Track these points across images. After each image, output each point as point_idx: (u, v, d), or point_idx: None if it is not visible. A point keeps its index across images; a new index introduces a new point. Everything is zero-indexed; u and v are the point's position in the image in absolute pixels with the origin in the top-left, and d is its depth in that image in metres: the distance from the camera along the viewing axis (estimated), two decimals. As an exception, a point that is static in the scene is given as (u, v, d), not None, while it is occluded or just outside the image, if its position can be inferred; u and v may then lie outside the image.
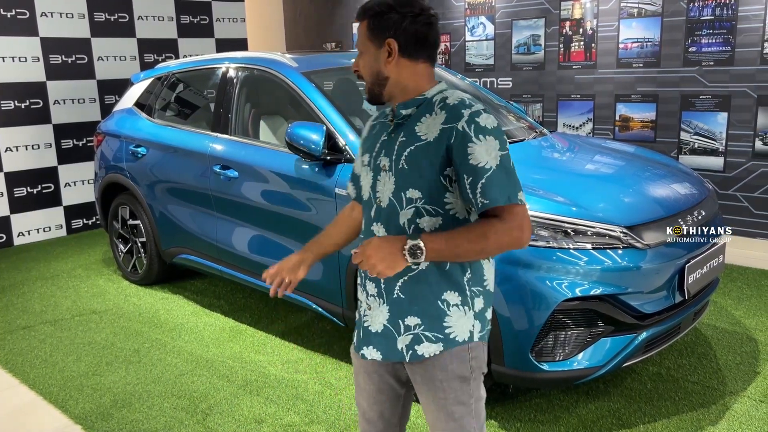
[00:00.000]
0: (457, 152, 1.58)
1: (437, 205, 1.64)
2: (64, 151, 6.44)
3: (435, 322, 1.68)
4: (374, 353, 1.77)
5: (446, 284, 1.67)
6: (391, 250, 1.55)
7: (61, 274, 5.31)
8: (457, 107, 1.60)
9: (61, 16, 6.26)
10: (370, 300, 1.76)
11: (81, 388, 3.44)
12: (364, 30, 1.70)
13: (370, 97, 1.74)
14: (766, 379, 3.25)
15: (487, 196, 1.56)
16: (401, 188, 1.66)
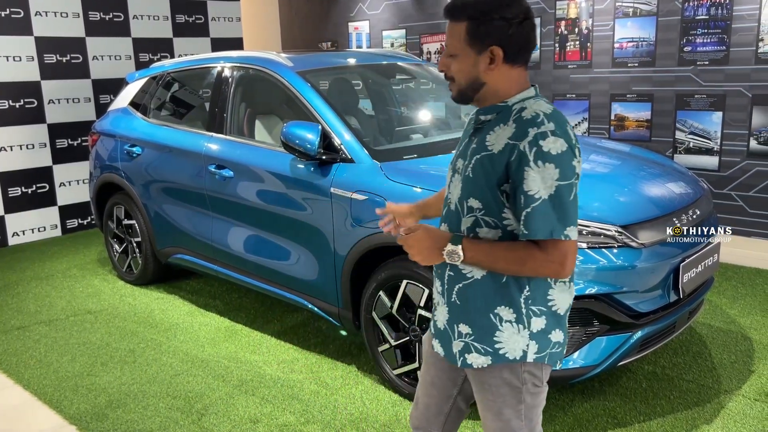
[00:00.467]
0: (514, 173, 1.54)
1: (496, 218, 1.61)
2: (58, 150, 6.42)
3: (485, 335, 1.66)
4: (439, 348, 1.79)
5: (501, 298, 1.64)
6: (430, 246, 1.60)
7: (56, 274, 5.30)
8: (526, 123, 1.53)
9: (55, 15, 6.24)
10: (437, 296, 1.78)
11: (76, 388, 3.43)
12: (463, 33, 1.59)
13: (459, 99, 1.67)
14: (760, 377, 3.26)
15: (528, 227, 1.53)
16: (465, 196, 1.65)
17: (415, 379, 3.11)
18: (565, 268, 1.55)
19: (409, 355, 3.14)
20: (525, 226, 1.53)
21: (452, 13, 1.61)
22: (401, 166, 3.22)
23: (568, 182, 1.52)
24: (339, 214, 3.27)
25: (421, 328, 3.03)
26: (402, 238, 1.62)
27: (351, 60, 4.46)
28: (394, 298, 3.09)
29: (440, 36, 7.37)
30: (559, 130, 1.53)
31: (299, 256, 3.57)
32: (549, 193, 1.50)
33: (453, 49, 1.62)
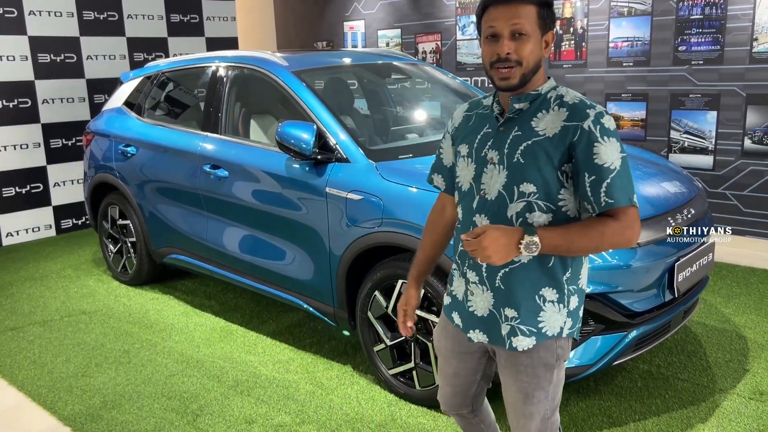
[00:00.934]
0: (581, 150, 1.61)
1: (551, 201, 1.66)
2: (53, 150, 6.40)
3: (530, 316, 1.72)
4: (481, 336, 1.81)
5: (546, 280, 1.71)
6: (506, 243, 1.57)
7: (50, 274, 5.28)
8: (580, 106, 1.64)
9: (49, 15, 6.22)
10: (472, 287, 1.80)
11: (70, 389, 3.41)
12: (534, 15, 1.64)
13: (518, 83, 1.66)
14: (755, 376, 3.27)
15: (612, 196, 1.60)
16: (514, 182, 1.67)
17: (410, 379, 3.11)
18: (635, 232, 1.63)
19: (404, 355, 3.14)
20: (608, 195, 1.60)
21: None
22: (397, 165, 3.21)
23: (625, 154, 1.65)
24: (334, 214, 3.26)
25: (416, 328, 3.03)
26: (469, 243, 1.58)
27: (346, 59, 4.46)
28: (390, 297, 3.09)
29: (435, 36, 7.37)
30: (607, 110, 1.68)
31: (294, 256, 3.56)
32: (619, 164, 1.62)
33: (526, 29, 1.63)
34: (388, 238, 3.03)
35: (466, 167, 1.80)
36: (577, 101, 1.66)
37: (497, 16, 1.64)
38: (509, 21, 1.63)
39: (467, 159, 1.80)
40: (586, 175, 1.61)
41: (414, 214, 2.92)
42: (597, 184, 1.60)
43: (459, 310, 1.88)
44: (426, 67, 4.62)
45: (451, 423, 2.94)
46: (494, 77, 1.68)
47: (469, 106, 1.90)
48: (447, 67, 7.18)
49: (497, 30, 1.65)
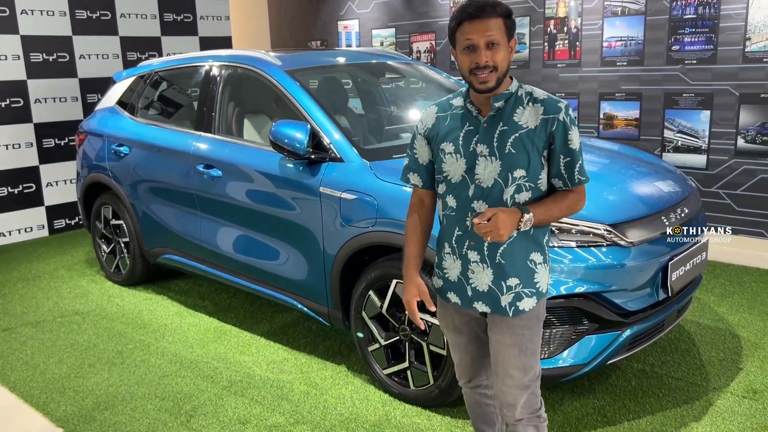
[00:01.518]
0: (558, 138, 1.93)
1: (534, 182, 1.95)
2: (45, 150, 6.37)
3: (528, 280, 2.01)
4: (484, 307, 2.04)
5: (533, 246, 2.01)
6: (512, 221, 1.87)
7: (43, 275, 5.25)
8: (552, 101, 1.95)
9: (41, 14, 6.18)
10: (473, 266, 2.02)
11: (63, 390, 3.40)
12: (502, 26, 1.90)
13: (495, 85, 1.91)
14: (748, 374, 3.28)
15: (583, 174, 1.97)
16: (509, 169, 1.93)
17: (405, 379, 3.10)
18: (584, 202, 2.04)
19: (398, 354, 3.13)
20: (580, 173, 1.97)
21: (486, 10, 1.88)
22: (391, 165, 3.20)
23: None
24: (328, 214, 3.25)
25: (410, 328, 3.03)
26: (483, 225, 1.83)
27: (340, 59, 4.45)
28: (384, 297, 3.08)
29: (429, 35, 7.37)
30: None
31: (288, 256, 3.55)
32: (581, 148, 1.97)
33: (496, 39, 1.88)
34: (383, 237, 3.02)
35: (456, 162, 2.00)
36: (546, 97, 1.96)
37: (472, 29, 1.88)
38: (484, 33, 1.88)
39: (455, 155, 2.00)
40: (561, 157, 1.95)
41: (408, 213, 2.91)
42: (571, 164, 1.95)
43: (455, 290, 2.09)
44: (420, 66, 4.62)
45: (446, 422, 2.94)
46: (474, 82, 1.93)
47: (439, 108, 2.10)
48: (441, 67, 7.18)
49: (474, 42, 1.89)
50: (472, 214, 1.98)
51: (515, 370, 2.03)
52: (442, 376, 2.92)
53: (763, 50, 5.02)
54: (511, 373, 2.04)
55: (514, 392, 2.05)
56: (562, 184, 1.98)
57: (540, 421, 2.10)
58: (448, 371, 2.88)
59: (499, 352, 2.05)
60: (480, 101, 1.99)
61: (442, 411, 3.03)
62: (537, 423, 2.09)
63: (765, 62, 5.02)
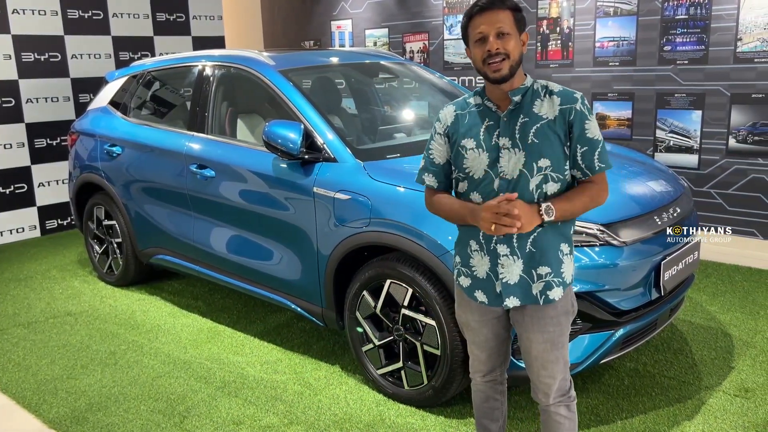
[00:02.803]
0: (576, 128, 1.98)
1: (560, 172, 2.00)
2: (37, 150, 6.34)
3: (558, 270, 2.05)
4: (515, 301, 2.07)
5: (561, 238, 2.05)
6: (529, 211, 1.92)
7: (35, 275, 5.22)
8: (568, 92, 2.01)
9: (33, 13, 6.15)
10: (503, 259, 2.05)
11: (55, 391, 3.38)
12: (511, 18, 1.96)
13: (508, 74, 1.96)
14: (740, 373, 3.30)
15: (603, 161, 2.00)
16: (534, 159, 1.98)
17: (398, 379, 3.10)
18: (608, 192, 2.06)
19: (392, 354, 3.13)
20: (600, 161, 2.00)
21: (495, 3, 1.95)
22: (384, 165, 3.21)
23: None
24: (322, 214, 3.25)
25: (404, 328, 3.03)
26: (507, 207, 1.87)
27: (334, 59, 4.45)
28: (378, 297, 3.08)
29: (422, 35, 7.37)
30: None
31: (282, 256, 3.55)
32: (601, 137, 2.01)
33: (507, 29, 1.95)
34: (376, 237, 3.02)
35: (478, 157, 2.04)
36: (562, 89, 2.02)
37: (482, 22, 1.96)
38: (493, 24, 1.95)
39: (477, 150, 2.04)
40: (578, 147, 1.99)
41: (402, 213, 2.92)
42: (590, 153, 1.99)
43: (483, 288, 2.11)
44: (413, 66, 4.62)
45: (440, 422, 2.95)
46: (487, 72, 1.97)
47: (457, 107, 2.13)
48: (434, 67, 7.19)
49: (485, 33, 1.95)
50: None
51: (549, 363, 2.11)
52: (436, 375, 2.93)
53: (754, 50, 5.05)
54: (546, 366, 2.12)
55: (549, 381, 2.14)
56: (581, 174, 2.02)
57: (570, 400, 2.19)
58: (442, 371, 2.89)
59: (531, 347, 2.12)
60: (498, 97, 2.04)
61: (436, 411, 3.04)
62: (567, 402, 2.18)
63: (756, 62, 5.05)
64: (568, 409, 2.19)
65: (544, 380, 2.14)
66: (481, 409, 2.39)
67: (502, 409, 2.38)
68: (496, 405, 2.37)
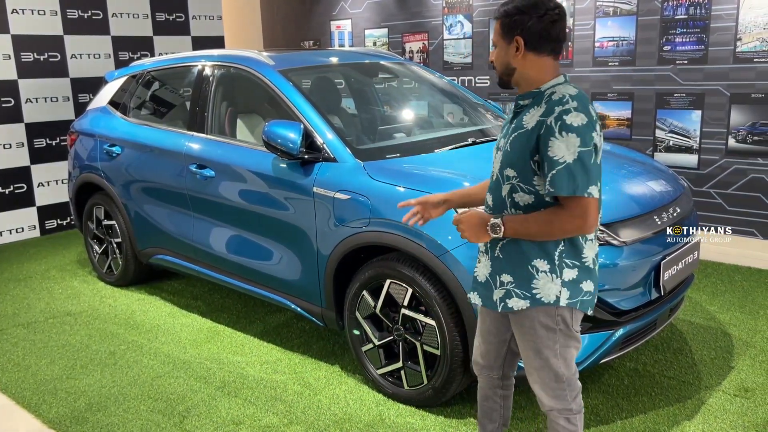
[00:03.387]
0: (542, 143, 1.88)
1: (528, 185, 1.95)
2: (36, 150, 6.33)
3: (524, 282, 1.99)
4: (476, 299, 2.14)
5: (537, 252, 1.96)
6: (477, 224, 1.95)
7: (34, 275, 5.22)
8: (554, 103, 1.87)
9: (32, 13, 6.15)
10: (480, 254, 2.10)
11: (55, 391, 3.38)
12: (498, 27, 2.00)
13: (499, 82, 2.05)
14: (740, 373, 3.30)
15: (553, 185, 1.85)
16: (504, 166, 2.00)
17: (398, 379, 3.10)
18: (587, 222, 1.86)
19: (392, 354, 3.13)
20: (551, 184, 1.85)
21: (495, 13, 2.02)
22: (384, 165, 3.21)
23: (587, 149, 1.84)
24: (322, 214, 3.25)
25: (404, 328, 3.03)
26: (455, 218, 1.96)
27: (333, 59, 4.45)
28: (378, 297, 3.08)
29: (422, 35, 7.37)
30: (581, 107, 1.86)
31: (282, 256, 3.55)
32: (573, 158, 1.83)
33: (495, 39, 2.02)
34: (376, 237, 3.02)
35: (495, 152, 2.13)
36: (556, 98, 1.88)
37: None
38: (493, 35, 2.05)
39: (495, 146, 2.13)
40: (545, 165, 1.88)
41: (401, 213, 2.91)
42: (548, 172, 1.86)
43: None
44: (413, 66, 4.62)
45: (440, 422, 2.95)
46: None
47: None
48: (434, 67, 7.19)
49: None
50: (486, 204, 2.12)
51: (534, 369, 2.10)
52: (436, 375, 2.93)
53: (754, 50, 5.05)
54: (531, 372, 2.11)
55: (536, 386, 2.13)
56: (546, 193, 1.89)
57: (571, 413, 2.13)
58: (442, 371, 2.89)
59: (521, 353, 2.15)
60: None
61: (436, 411, 3.04)
62: (568, 415, 2.13)
63: (756, 62, 5.06)
64: (568, 422, 2.14)
65: (532, 384, 2.14)
66: (481, 407, 2.40)
67: (501, 411, 2.38)
68: (495, 406, 2.37)
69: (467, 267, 2.69)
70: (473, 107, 4.23)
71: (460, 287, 2.73)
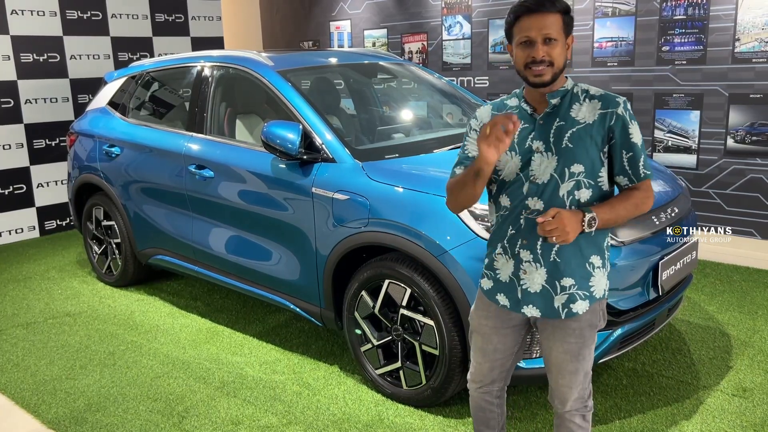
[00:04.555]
0: (619, 132, 1.91)
1: (593, 179, 1.93)
2: (36, 151, 6.34)
3: (584, 283, 1.97)
4: (534, 311, 2.01)
5: (593, 249, 1.97)
6: (576, 221, 1.84)
7: (33, 276, 5.22)
8: (609, 96, 1.94)
9: (32, 14, 6.15)
10: (525, 266, 1.99)
11: (54, 392, 3.38)
12: (559, 22, 1.88)
13: (550, 80, 1.90)
14: (738, 373, 3.31)
15: (647, 168, 1.95)
16: (566, 164, 1.91)
17: (397, 379, 3.11)
18: (653, 199, 1.99)
19: (391, 354, 3.14)
20: (645, 167, 1.94)
21: (545, 5, 1.87)
22: (383, 165, 3.21)
23: None
24: (320, 214, 3.25)
25: (403, 328, 3.03)
26: (549, 222, 1.81)
27: (332, 59, 4.45)
28: (377, 297, 3.09)
29: (421, 36, 7.38)
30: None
31: (281, 256, 3.55)
32: (642, 142, 1.96)
33: (554, 35, 1.87)
34: (375, 238, 3.03)
35: (511, 160, 1.98)
36: (603, 93, 1.95)
37: (530, 25, 1.88)
38: (541, 30, 1.87)
39: (510, 153, 1.98)
40: (623, 153, 1.93)
41: (400, 213, 2.92)
42: (635, 159, 1.93)
43: (505, 291, 2.05)
44: (412, 67, 4.62)
45: (438, 422, 2.95)
46: (528, 76, 1.91)
47: (494, 107, 2.10)
48: (433, 67, 7.19)
49: (531, 37, 1.88)
50: (526, 211, 1.96)
51: (568, 373, 2.05)
52: (435, 375, 2.93)
53: (752, 51, 5.06)
54: (564, 375, 2.06)
55: (566, 391, 2.09)
56: (627, 181, 1.96)
57: (587, 410, 2.14)
58: (441, 371, 2.89)
59: (550, 355, 2.08)
60: (535, 99, 1.98)
61: (435, 411, 3.04)
62: (584, 412, 2.13)
63: (754, 62, 5.06)
64: (584, 419, 2.13)
65: (561, 389, 2.09)
66: (477, 416, 2.33)
67: (498, 419, 2.31)
68: (492, 415, 2.30)
69: (466, 267, 2.69)
70: (472, 108, 4.23)
71: (459, 287, 2.73)
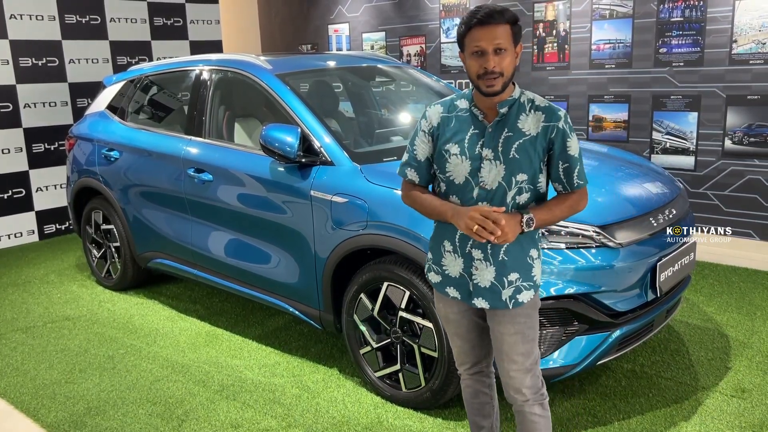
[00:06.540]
0: (558, 144, 2.03)
1: (533, 184, 2.06)
2: (35, 155, 6.34)
3: (527, 274, 2.12)
4: (483, 303, 2.14)
5: (531, 243, 2.12)
6: (515, 223, 1.97)
7: (33, 280, 5.22)
8: (551, 109, 2.04)
9: (30, 19, 6.16)
10: (477, 263, 2.10)
11: (54, 396, 3.38)
12: (509, 33, 1.96)
13: (501, 90, 1.98)
14: (737, 373, 3.31)
15: (581, 178, 2.07)
16: (513, 173, 2.02)
17: (396, 381, 3.11)
18: (587, 201, 2.14)
19: (390, 357, 3.14)
20: (579, 177, 2.07)
21: (494, 17, 1.94)
22: (381, 168, 3.22)
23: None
24: (319, 217, 3.26)
25: (402, 330, 3.04)
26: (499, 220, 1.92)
27: (331, 62, 4.46)
28: (375, 300, 3.09)
29: (419, 38, 7.39)
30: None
31: (280, 259, 3.55)
32: (579, 152, 2.07)
33: (503, 45, 1.95)
34: (374, 240, 3.03)
35: (461, 164, 2.07)
36: (546, 105, 2.06)
37: (481, 36, 1.94)
38: (492, 40, 1.93)
39: (460, 157, 2.06)
40: (560, 163, 2.05)
41: (399, 216, 2.93)
42: (570, 170, 2.05)
43: (456, 285, 2.17)
44: (410, 69, 4.63)
45: (438, 424, 2.95)
46: (481, 86, 1.99)
47: (443, 108, 2.15)
48: (431, 70, 7.21)
49: (482, 47, 1.94)
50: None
51: (518, 356, 2.15)
52: (434, 378, 2.93)
53: (749, 52, 5.07)
54: (515, 359, 2.15)
55: (520, 376, 2.17)
56: (562, 188, 2.09)
57: (543, 398, 2.22)
58: (440, 373, 2.90)
59: (502, 342, 2.16)
60: (485, 105, 2.06)
61: (434, 413, 3.04)
62: (541, 401, 2.22)
63: (751, 64, 5.08)
64: (542, 407, 2.22)
65: (514, 374, 2.16)
66: (472, 406, 2.40)
67: (492, 404, 2.40)
68: (486, 399, 2.38)
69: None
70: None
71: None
